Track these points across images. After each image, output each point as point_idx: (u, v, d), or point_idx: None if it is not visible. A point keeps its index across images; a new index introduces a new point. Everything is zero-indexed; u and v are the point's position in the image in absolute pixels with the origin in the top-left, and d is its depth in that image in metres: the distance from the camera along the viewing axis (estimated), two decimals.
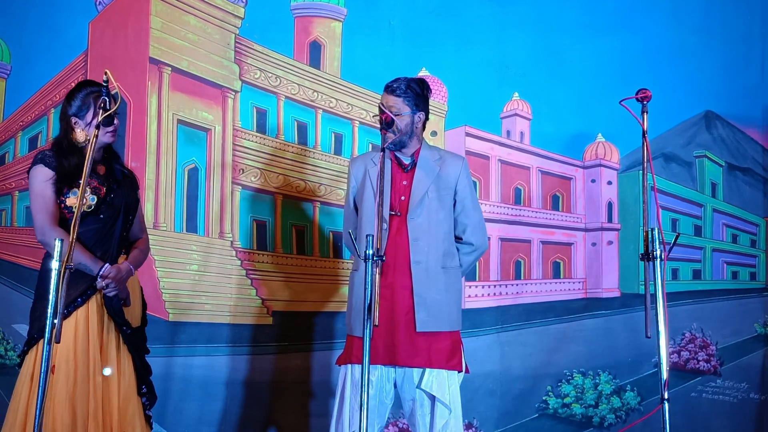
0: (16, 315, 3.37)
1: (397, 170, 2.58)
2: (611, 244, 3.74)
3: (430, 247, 2.52)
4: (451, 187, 2.59)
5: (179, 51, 3.50)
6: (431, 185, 2.55)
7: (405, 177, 2.58)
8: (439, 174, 2.58)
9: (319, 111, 3.69)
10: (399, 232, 2.51)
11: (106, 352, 2.30)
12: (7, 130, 3.61)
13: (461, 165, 2.63)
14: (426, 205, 2.53)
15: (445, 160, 2.62)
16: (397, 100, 2.54)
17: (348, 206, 2.71)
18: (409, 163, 2.60)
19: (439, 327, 2.50)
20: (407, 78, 2.58)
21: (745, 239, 3.81)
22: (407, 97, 2.55)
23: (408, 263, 2.49)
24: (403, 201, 2.55)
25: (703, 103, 3.79)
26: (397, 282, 2.48)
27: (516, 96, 3.75)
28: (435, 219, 2.54)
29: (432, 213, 2.54)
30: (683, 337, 3.69)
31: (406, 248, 2.49)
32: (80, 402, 2.21)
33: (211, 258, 3.47)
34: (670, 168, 3.78)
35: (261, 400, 3.44)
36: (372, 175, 2.57)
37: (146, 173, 3.42)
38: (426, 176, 2.56)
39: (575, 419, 3.56)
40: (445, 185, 2.58)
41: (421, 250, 2.50)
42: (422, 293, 2.48)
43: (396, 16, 3.68)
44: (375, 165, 2.57)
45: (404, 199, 2.55)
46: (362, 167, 2.63)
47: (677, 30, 3.76)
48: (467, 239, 2.63)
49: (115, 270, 2.31)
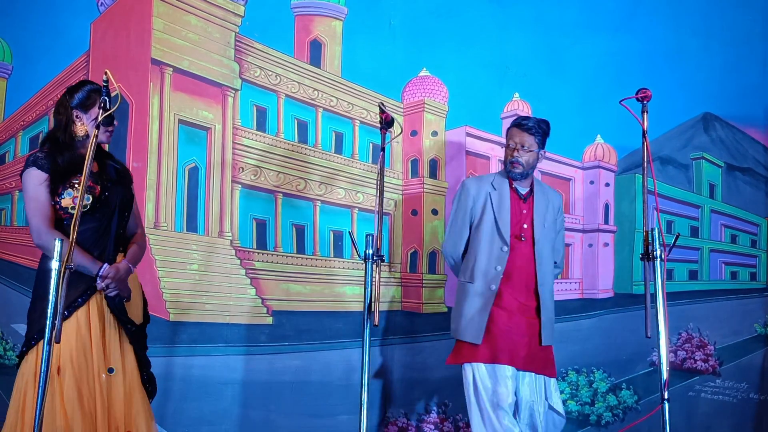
0: (15, 315, 3.36)
1: (515, 198, 2.89)
2: (607, 245, 3.75)
3: (548, 272, 2.88)
4: (556, 219, 2.96)
5: (180, 51, 3.50)
6: (546, 216, 2.90)
7: (524, 207, 2.89)
8: (549, 206, 2.92)
9: (320, 110, 3.69)
10: (525, 256, 2.83)
11: (109, 350, 2.30)
12: (7, 130, 3.61)
13: (560, 200, 3.02)
14: (544, 234, 2.87)
15: (549, 193, 2.98)
16: (530, 138, 2.84)
17: (464, 224, 2.94)
18: (527, 193, 2.91)
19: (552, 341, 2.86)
20: (537, 118, 2.87)
21: (745, 239, 3.82)
22: (537, 136, 2.85)
23: (535, 285, 2.82)
24: (527, 229, 2.86)
25: (702, 104, 3.79)
26: (525, 301, 2.81)
27: (516, 96, 3.75)
28: (549, 246, 2.90)
29: (549, 239, 2.90)
30: (680, 337, 3.70)
31: (533, 272, 2.82)
32: (88, 402, 2.21)
33: (212, 257, 3.47)
34: (667, 171, 3.79)
35: (261, 399, 3.44)
36: (494, 201, 2.87)
37: (147, 173, 3.42)
38: (543, 207, 2.90)
39: (572, 416, 3.57)
40: (553, 217, 2.93)
41: (544, 274, 2.84)
42: (546, 312, 2.82)
43: (396, 15, 3.69)
44: (495, 190, 2.88)
45: (527, 226, 2.86)
46: (485, 189, 2.91)
47: (677, 31, 3.77)
48: (559, 264, 3.02)
49: (114, 270, 2.30)
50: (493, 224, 2.84)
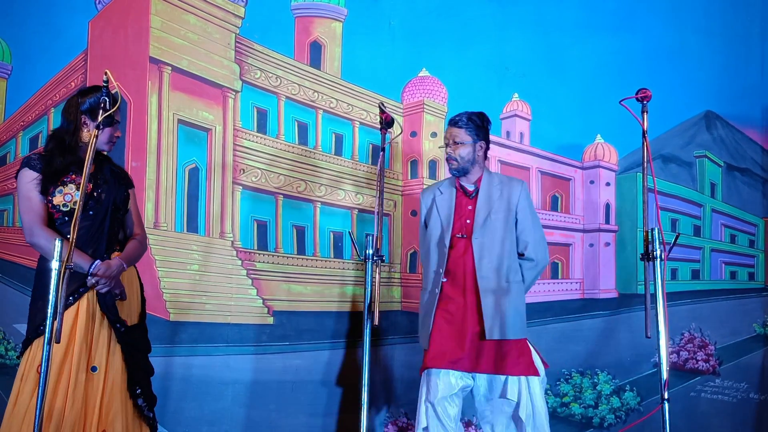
0: (17, 315, 3.37)
1: (461, 196, 2.87)
2: (608, 245, 3.74)
3: (494, 264, 2.77)
4: (512, 209, 2.85)
5: (179, 50, 3.51)
6: (493, 208, 2.82)
7: (470, 202, 2.86)
8: (500, 197, 2.84)
9: (320, 111, 3.69)
10: (466, 252, 2.78)
11: (95, 349, 2.28)
12: (8, 130, 3.62)
13: (521, 188, 2.89)
14: (488, 227, 2.80)
15: (505, 184, 2.90)
16: (460, 132, 2.82)
17: (422, 229, 3.00)
18: (473, 189, 2.88)
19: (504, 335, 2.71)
20: (470, 112, 2.86)
21: (743, 239, 3.81)
22: (469, 129, 2.82)
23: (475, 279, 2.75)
24: (468, 224, 2.82)
25: (702, 103, 3.78)
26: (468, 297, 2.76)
27: (516, 97, 3.75)
28: (498, 238, 2.80)
29: (498, 231, 2.81)
30: (682, 337, 3.69)
31: (472, 267, 2.76)
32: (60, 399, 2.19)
33: (212, 258, 3.48)
34: (669, 169, 3.78)
35: (261, 399, 3.44)
36: (438, 203, 2.88)
37: (146, 173, 3.42)
38: (488, 200, 2.84)
39: (574, 419, 3.56)
40: (507, 207, 2.84)
41: (485, 267, 2.76)
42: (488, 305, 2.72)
43: (396, 16, 3.69)
44: (441, 194, 2.90)
45: (469, 222, 2.83)
46: (431, 197, 2.94)
47: (677, 30, 3.76)
48: (528, 255, 2.87)
49: (104, 266, 2.30)
50: (439, 226, 2.85)
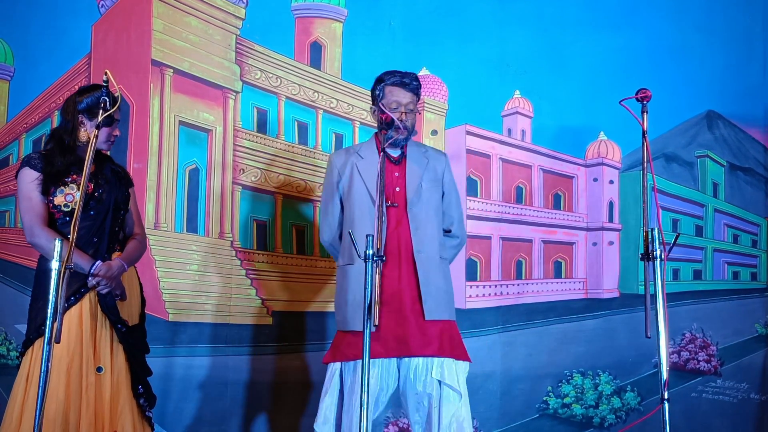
0: (18, 315, 3.39)
1: (386, 162, 2.52)
2: (612, 244, 3.72)
3: (430, 237, 2.51)
4: (438, 179, 2.61)
5: (181, 52, 3.52)
6: (423, 176, 2.56)
7: (396, 169, 2.56)
8: (427, 166, 2.58)
9: (320, 111, 3.69)
10: (400, 223, 2.49)
11: (99, 349, 2.30)
12: (10, 132, 3.64)
13: (445, 160, 2.67)
14: (422, 195, 2.53)
15: (430, 154, 2.65)
16: (414, 97, 2.54)
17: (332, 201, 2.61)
18: (399, 155, 2.59)
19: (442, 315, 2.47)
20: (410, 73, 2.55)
21: (746, 239, 3.78)
22: (418, 95, 2.56)
23: (411, 253, 2.47)
24: (399, 192, 2.53)
25: (704, 102, 3.76)
26: (403, 272, 2.45)
27: (517, 94, 3.74)
28: (433, 208, 2.55)
29: (430, 202, 2.54)
30: (683, 338, 3.67)
31: (408, 238, 2.48)
32: (73, 401, 2.22)
33: (212, 258, 3.48)
34: (671, 168, 3.76)
35: (261, 400, 3.44)
36: (361, 169, 2.54)
37: (148, 174, 3.43)
38: (418, 167, 2.57)
39: (575, 420, 3.55)
40: (434, 177, 2.59)
41: (422, 239, 2.49)
42: (427, 282, 2.45)
43: (396, 16, 3.68)
44: (362, 158, 2.56)
45: (399, 190, 2.53)
46: (347, 161, 2.58)
47: (679, 28, 3.74)
48: (455, 232, 2.65)
49: (105, 267, 2.30)
50: (366, 194, 2.50)
